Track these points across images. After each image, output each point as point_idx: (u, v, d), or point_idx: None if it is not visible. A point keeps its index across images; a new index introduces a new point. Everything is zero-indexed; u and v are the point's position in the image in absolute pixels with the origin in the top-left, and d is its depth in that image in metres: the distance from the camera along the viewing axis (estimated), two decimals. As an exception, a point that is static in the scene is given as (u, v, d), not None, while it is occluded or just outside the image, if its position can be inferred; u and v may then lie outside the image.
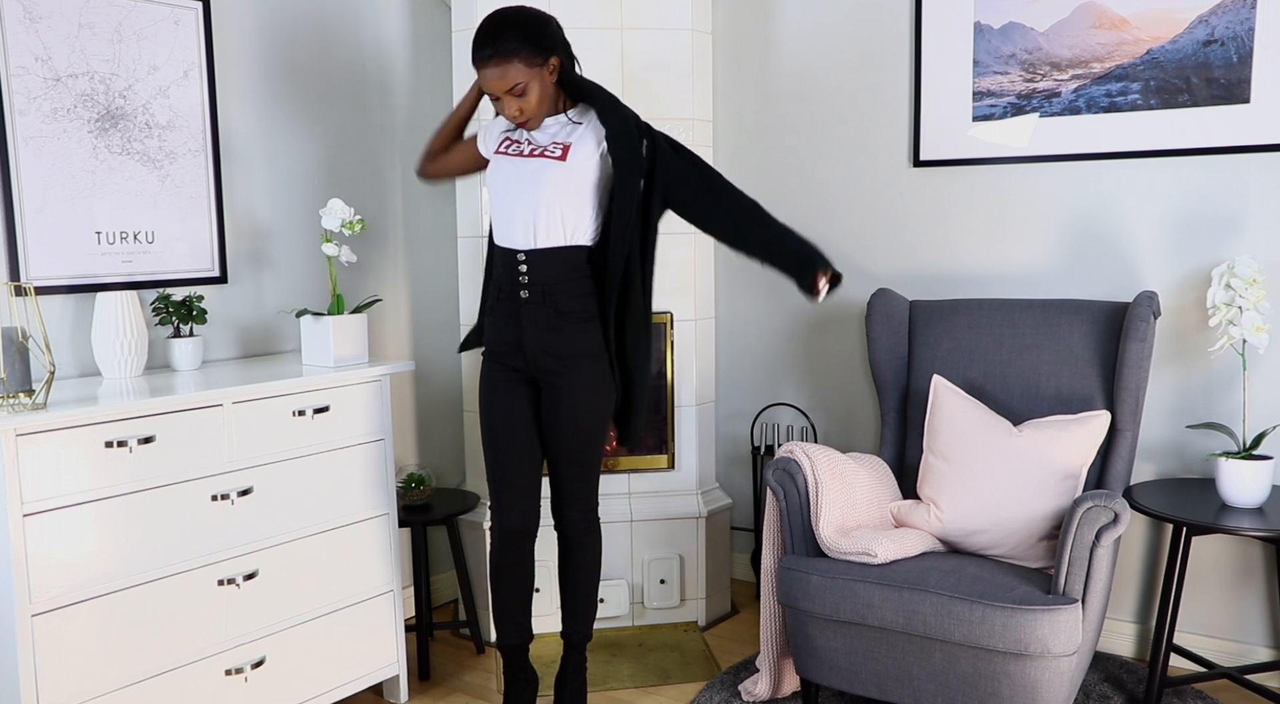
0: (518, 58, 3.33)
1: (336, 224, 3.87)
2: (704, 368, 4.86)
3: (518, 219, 3.48)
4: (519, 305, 3.51)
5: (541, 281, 3.48)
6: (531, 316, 3.51)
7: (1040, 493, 3.66)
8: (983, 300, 4.23)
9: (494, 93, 3.38)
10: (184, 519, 3.32)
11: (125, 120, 3.75)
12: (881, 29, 4.69)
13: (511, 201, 3.48)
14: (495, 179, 3.53)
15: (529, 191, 3.46)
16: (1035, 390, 3.99)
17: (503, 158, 3.53)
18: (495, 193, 3.53)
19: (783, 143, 5.01)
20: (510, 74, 3.33)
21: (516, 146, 3.52)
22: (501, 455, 3.62)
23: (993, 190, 4.49)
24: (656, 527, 4.72)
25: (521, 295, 3.50)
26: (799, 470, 3.76)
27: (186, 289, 3.93)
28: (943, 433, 3.88)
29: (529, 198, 3.46)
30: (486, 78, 3.36)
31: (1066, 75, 4.27)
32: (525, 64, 3.34)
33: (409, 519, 4.28)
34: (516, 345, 3.54)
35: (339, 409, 3.76)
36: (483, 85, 3.39)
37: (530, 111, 3.42)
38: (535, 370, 3.57)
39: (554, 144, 3.49)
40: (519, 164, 3.49)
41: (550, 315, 3.50)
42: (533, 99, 3.40)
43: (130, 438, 3.16)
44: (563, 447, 3.62)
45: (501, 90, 3.36)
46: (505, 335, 3.56)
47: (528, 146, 3.50)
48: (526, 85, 3.37)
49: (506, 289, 3.53)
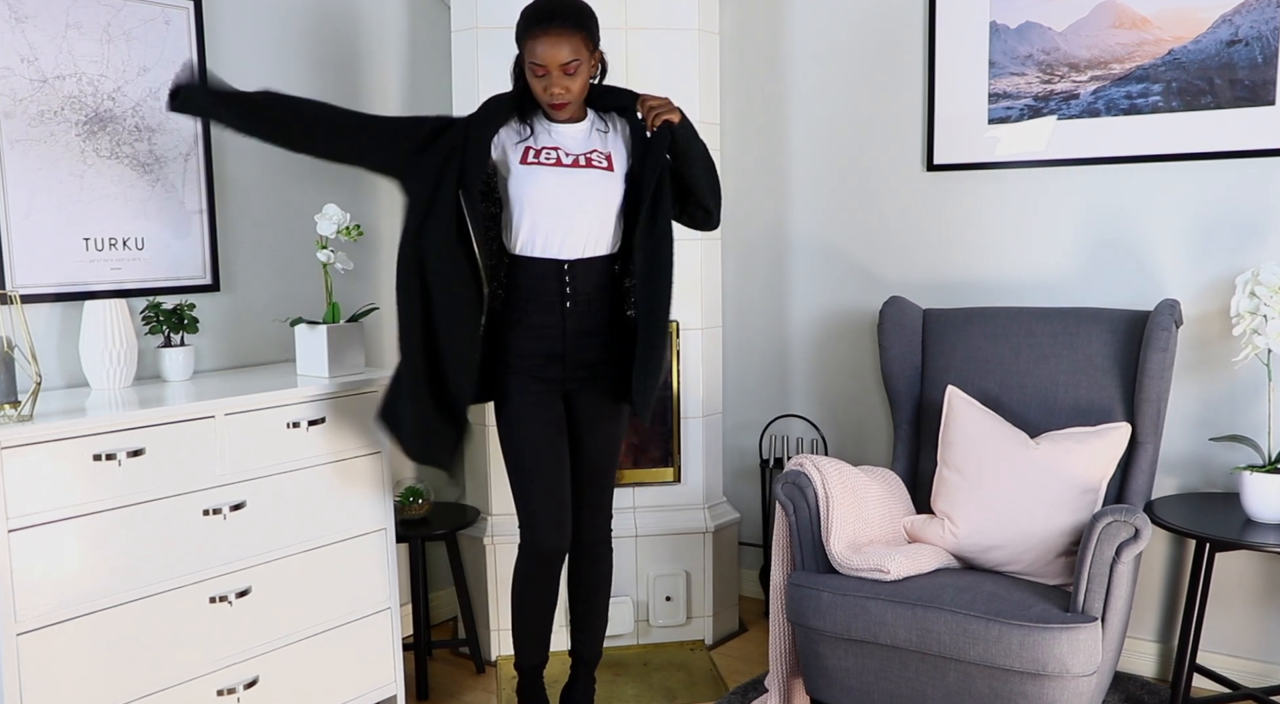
0: (581, 34, 3.35)
1: (332, 230, 3.87)
2: (711, 378, 4.86)
3: (566, 230, 3.46)
4: (563, 316, 3.50)
5: (586, 290, 3.50)
6: (578, 326, 3.51)
7: (1058, 507, 3.65)
8: (999, 309, 4.23)
9: (547, 65, 3.34)
10: (175, 534, 3.31)
11: (114, 123, 3.76)
12: (894, 29, 4.70)
13: (556, 213, 3.46)
14: (534, 190, 3.45)
15: (580, 203, 3.46)
16: (1053, 401, 3.99)
17: (540, 168, 3.46)
18: (533, 204, 3.46)
19: (792, 146, 5.01)
20: (571, 47, 3.33)
21: (552, 154, 3.48)
22: (543, 471, 3.57)
23: (1009, 195, 4.49)
24: (662, 542, 4.72)
25: (566, 306, 3.49)
26: (809, 484, 3.76)
27: (177, 297, 3.93)
28: (957, 445, 3.87)
29: (579, 209, 3.46)
30: (545, 46, 3.32)
31: (1085, 76, 4.27)
32: (585, 44, 3.37)
33: (407, 534, 4.28)
34: (556, 356, 3.53)
35: (335, 421, 3.76)
36: (535, 57, 3.34)
37: (574, 96, 3.41)
38: (571, 380, 3.58)
39: (597, 153, 3.49)
40: (566, 175, 3.46)
41: (597, 323, 3.52)
42: (579, 82, 3.40)
43: (119, 451, 3.15)
44: (594, 455, 3.64)
45: (557, 63, 3.33)
46: (543, 347, 3.53)
47: (567, 156, 3.48)
48: (580, 65, 3.37)
49: (542, 300, 3.50)
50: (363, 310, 4.08)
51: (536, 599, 3.70)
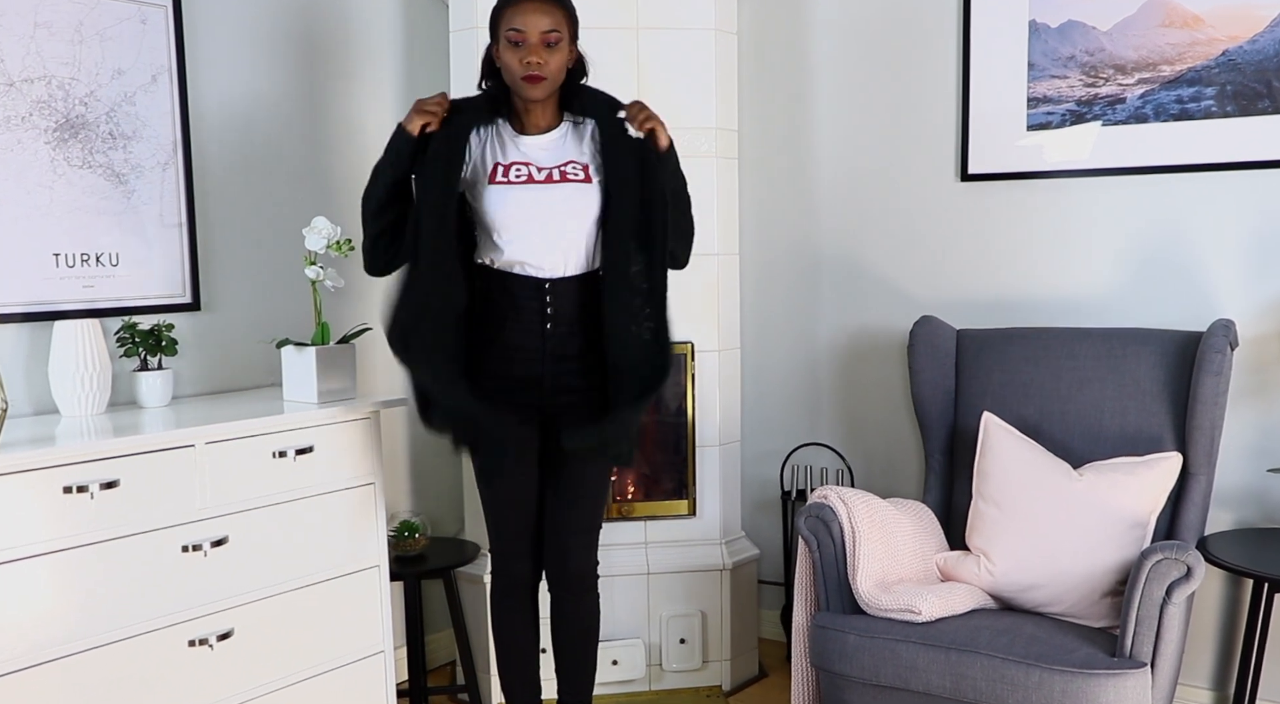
0: (563, 11, 3.40)
1: (321, 245, 3.87)
2: (728, 404, 4.86)
3: (544, 248, 3.47)
4: (542, 338, 3.51)
5: (568, 310, 3.50)
6: (557, 349, 3.51)
7: (1103, 544, 3.63)
8: (1038, 329, 4.22)
9: (527, 32, 3.34)
10: (151, 573, 3.30)
11: (86, 130, 3.76)
12: (925, 28, 4.70)
13: (532, 233, 3.46)
14: (506, 212, 3.46)
15: (557, 219, 3.46)
16: (1097, 429, 3.98)
17: (511, 188, 3.47)
18: (507, 225, 3.47)
19: (816, 155, 5.01)
20: (554, 19, 3.36)
21: (522, 170, 3.49)
22: (515, 500, 3.62)
23: (1049, 207, 4.48)
24: (676, 580, 4.71)
25: (547, 327, 3.50)
26: (834, 518, 3.75)
27: (155, 317, 3.92)
28: (994, 476, 3.86)
29: (558, 226, 3.47)
30: (528, 13, 3.34)
31: (1132, 79, 4.27)
32: (566, 22, 3.40)
33: (402, 572, 4.28)
34: (534, 381, 3.54)
35: (324, 450, 3.75)
36: (514, 23, 3.35)
37: (552, 72, 3.41)
38: (550, 406, 3.57)
39: (573, 165, 3.50)
40: (539, 192, 3.47)
41: (578, 346, 3.52)
42: (558, 59, 3.41)
43: (91, 482, 3.14)
44: (575, 486, 3.62)
45: (538, 29, 3.34)
46: (521, 370, 3.54)
47: (539, 171, 3.48)
48: (561, 40, 3.39)
49: (520, 320, 3.51)
50: (354, 331, 4.07)
51: (514, 633, 3.76)
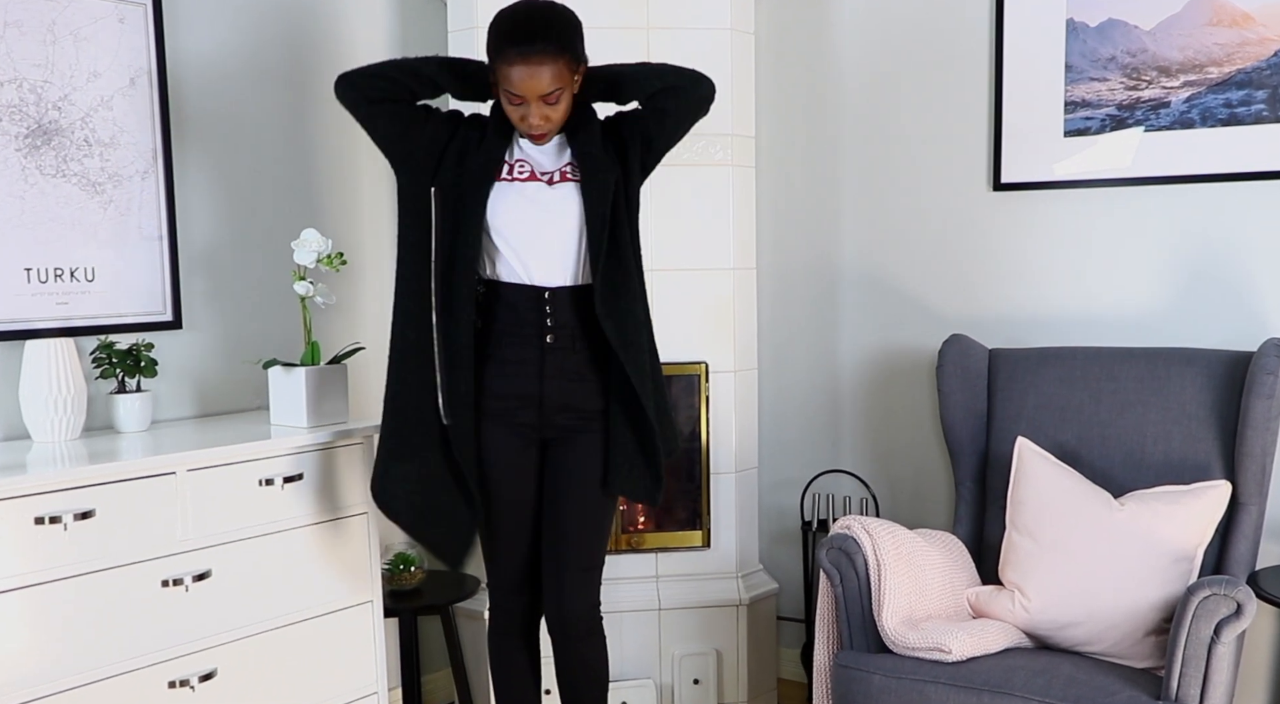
0: (565, 58, 3.35)
1: (311, 259, 3.87)
2: (745, 428, 4.86)
3: (544, 254, 3.47)
4: (542, 352, 3.50)
5: (569, 323, 3.49)
6: (557, 365, 3.51)
7: (1147, 579, 3.62)
8: (1076, 348, 4.22)
9: (525, 96, 3.34)
10: (129, 609, 3.29)
11: (60, 136, 3.75)
12: (955, 28, 4.70)
13: (532, 236, 3.47)
14: (506, 211, 3.47)
15: (558, 225, 3.47)
16: (1140, 456, 3.97)
17: (514, 184, 3.49)
18: (506, 226, 3.47)
19: (838, 163, 5.01)
20: (554, 75, 3.33)
21: (525, 168, 3.50)
22: (514, 531, 3.62)
23: (1088, 218, 4.48)
24: (689, 616, 4.70)
25: (547, 340, 3.49)
26: (858, 550, 3.75)
27: (133, 336, 3.91)
28: (1029, 506, 3.85)
29: (558, 232, 3.47)
30: (523, 74, 3.31)
31: (1177, 82, 4.26)
32: (567, 68, 3.36)
33: (397, 608, 4.28)
34: (534, 400, 3.53)
35: (314, 477, 3.75)
36: (510, 85, 3.34)
37: (554, 125, 3.43)
38: (550, 428, 3.57)
39: (570, 166, 3.50)
40: (540, 192, 3.48)
41: (579, 363, 3.51)
42: (561, 110, 3.41)
43: (65, 513, 3.13)
44: (575, 519, 3.60)
45: (536, 93, 3.33)
46: (519, 387, 3.53)
47: (541, 172, 3.50)
48: (562, 93, 3.37)
49: (520, 334, 3.51)
50: (347, 350, 4.07)
51: (515, 674, 3.76)
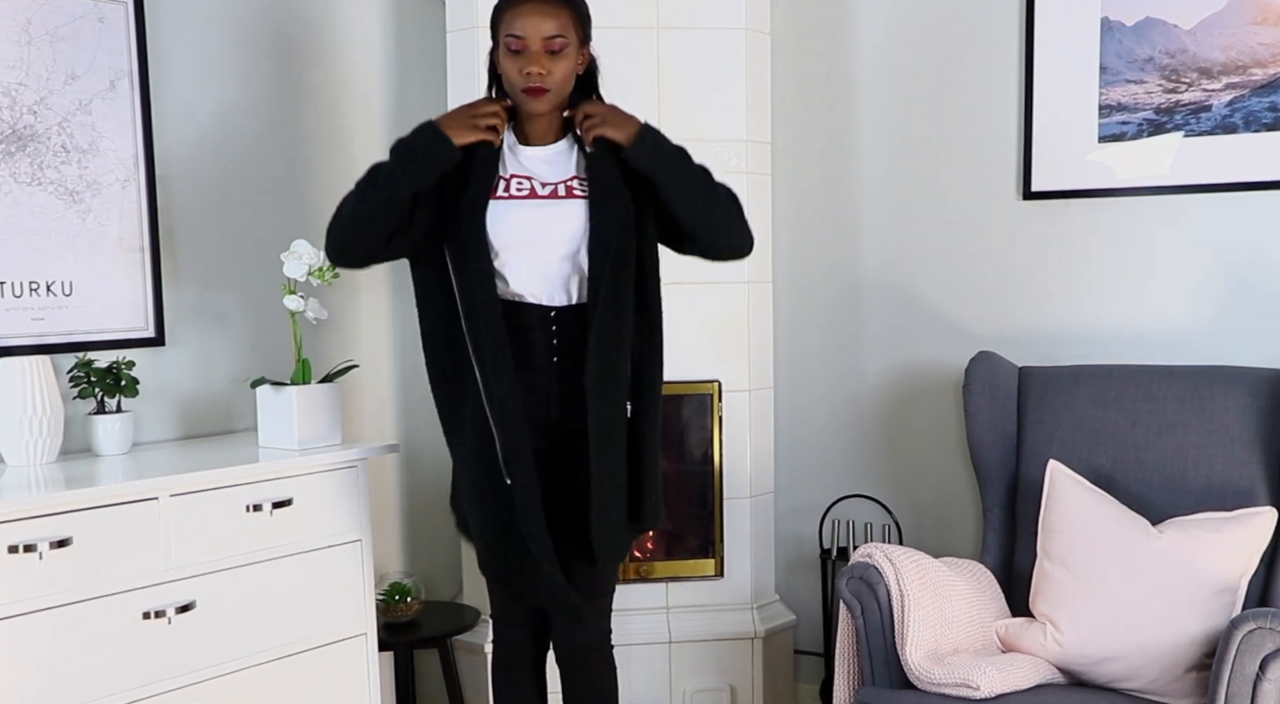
0: (571, 12, 3.37)
1: (303, 271, 3.86)
2: (760, 450, 4.86)
3: (547, 274, 3.47)
4: (550, 375, 3.50)
5: (578, 344, 3.47)
6: (567, 386, 3.50)
7: (1187, 611, 3.62)
8: (1111, 366, 4.22)
9: (528, 38, 3.33)
10: (108, 642, 3.29)
11: (36, 142, 3.76)
12: (983, 27, 4.70)
13: (533, 255, 3.46)
14: (505, 230, 3.45)
15: (560, 242, 3.46)
16: (1180, 481, 3.96)
17: (511, 203, 3.47)
18: (506, 245, 3.46)
19: (858, 170, 5.01)
20: (558, 23, 3.33)
21: (524, 184, 3.49)
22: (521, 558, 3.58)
23: (1124, 229, 4.47)
24: (701, 650, 4.70)
25: (554, 360, 3.49)
26: (880, 579, 3.75)
27: (113, 353, 3.92)
28: (1062, 533, 3.84)
29: (561, 249, 3.46)
30: (529, 17, 3.31)
31: (1219, 84, 4.25)
32: (574, 25, 3.37)
33: (392, 641, 4.30)
34: (544, 424, 3.53)
35: (305, 503, 3.75)
36: (513, 28, 3.34)
37: (554, 82, 3.39)
38: (559, 452, 3.55)
39: (577, 180, 3.49)
40: (541, 208, 3.47)
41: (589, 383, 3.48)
42: (563, 68, 3.39)
43: (40, 541, 3.13)
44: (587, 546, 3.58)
45: (540, 35, 3.32)
46: (529, 412, 3.50)
47: (542, 186, 3.48)
48: (567, 47, 3.37)
49: (528, 355, 3.49)
50: (339, 368, 4.08)
51: None
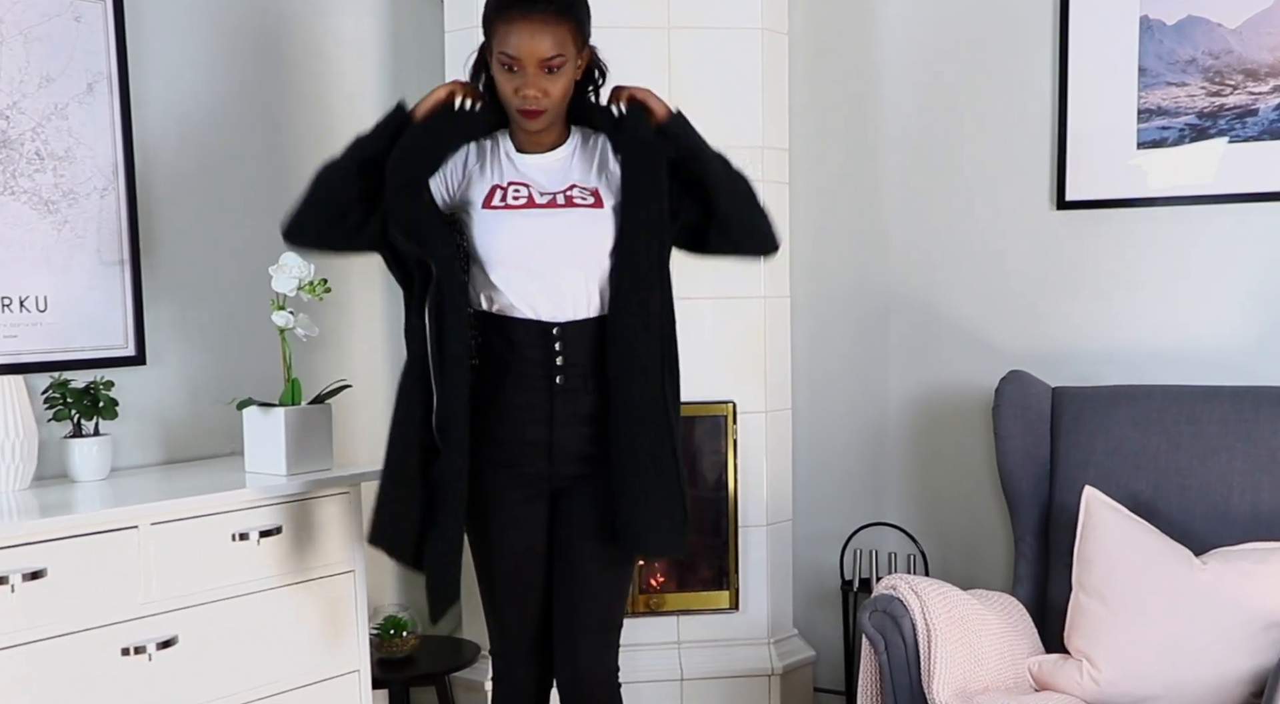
0: (569, 24, 3.33)
1: (292, 286, 3.85)
2: (778, 476, 4.87)
3: (549, 288, 3.45)
4: (550, 394, 3.47)
5: (580, 362, 3.46)
6: (569, 409, 3.48)
7: (1233, 647, 3.60)
8: (1151, 387, 4.21)
9: (523, 59, 3.30)
10: (85, 680, 3.28)
11: (8, 148, 3.77)
12: (1015, 26, 4.71)
13: (533, 267, 3.44)
14: (501, 241, 3.44)
15: (562, 254, 3.44)
16: (1224, 509, 3.95)
17: (507, 213, 3.46)
18: (503, 258, 3.45)
19: (882, 178, 5.02)
20: (555, 40, 3.30)
21: (521, 192, 3.47)
22: (521, 590, 3.60)
23: (1164, 240, 4.48)
24: (716, 687, 4.70)
25: (556, 381, 3.46)
26: (905, 613, 3.74)
27: (91, 373, 3.92)
28: (1098, 564, 3.83)
29: (565, 258, 3.44)
30: (521, 34, 3.28)
31: (1266, 87, 4.26)
32: (572, 37, 3.34)
33: (386, 678, 4.31)
34: (543, 447, 3.50)
35: (294, 531, 3.75)
36: (506, 47, 3.31)
37: (552, 102, 3.39)
38: (560, 478, 3.54)
39: (579, 189, 3.48)
40: (540, 218, 3.45)
41: (592, 405, 3.48)
42: (560, 85, 3.37)
43: (12, 572, 3.12)
44: (589, 575, 3.57)
45: (535, 57, 3.30)
46: (526, 434, 3.50)
47: (541, 195, 3.47)
48: (565, 63, 3.35)
49: (526, 375, 3.47)
50: (331, 389, 4.08)
51: None
